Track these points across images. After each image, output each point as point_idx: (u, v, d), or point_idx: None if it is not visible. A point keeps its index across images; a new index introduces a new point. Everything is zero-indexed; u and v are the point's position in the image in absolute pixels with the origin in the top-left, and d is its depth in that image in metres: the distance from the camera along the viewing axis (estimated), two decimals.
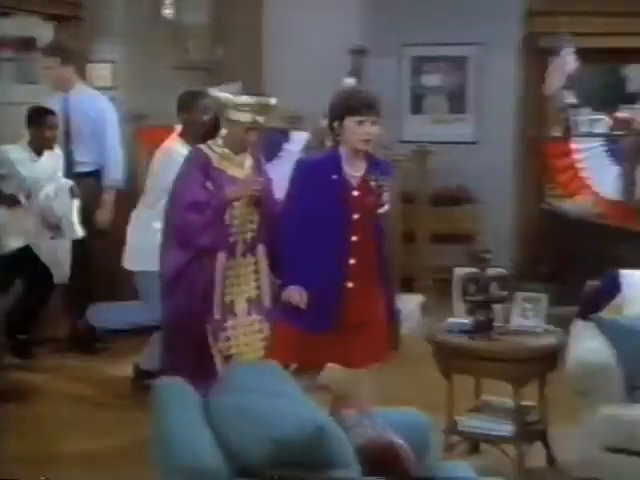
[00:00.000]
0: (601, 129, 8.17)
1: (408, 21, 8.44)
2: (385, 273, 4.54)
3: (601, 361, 4.25)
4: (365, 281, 4.41)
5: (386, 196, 4.35)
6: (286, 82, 7.85)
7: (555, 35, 7.77)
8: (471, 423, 4.55)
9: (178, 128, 5.60)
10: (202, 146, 4.76)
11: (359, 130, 4.31)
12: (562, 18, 7.73)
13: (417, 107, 8.98)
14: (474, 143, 8.54)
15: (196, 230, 4.63)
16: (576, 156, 7.22)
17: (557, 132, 7.89)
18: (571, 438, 4.45)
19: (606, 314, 4.55)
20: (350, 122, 4.31)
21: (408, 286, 7.42)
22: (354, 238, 4.36)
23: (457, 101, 8.79)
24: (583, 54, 7.85)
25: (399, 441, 2.87)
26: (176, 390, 2.96)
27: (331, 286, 4.36)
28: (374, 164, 4.42)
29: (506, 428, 4.43)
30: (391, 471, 2.79)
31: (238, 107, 4.63)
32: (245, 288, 4.78)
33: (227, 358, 4.69)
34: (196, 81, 7.21)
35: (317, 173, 4.43)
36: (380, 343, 4.49)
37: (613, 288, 4.67)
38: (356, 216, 4.36)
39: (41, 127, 6.25)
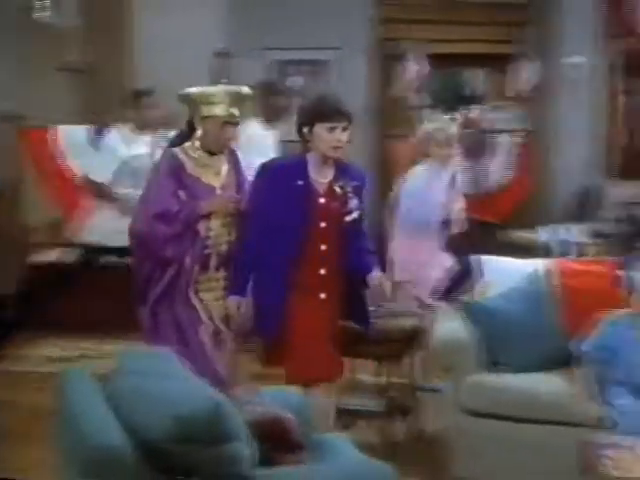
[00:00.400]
0: None
1: (270, 25, 8.53)
2: (360, 284, 4.26)
3: (460, 339, 4.41)
4: (336, 292, 4.19)
5: (354, 202, 4.13)
6: (157, 84, 7.86)
7: (403, 41, 8.10)
8: (346, 400, 4.64)
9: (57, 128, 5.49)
10: (176, 150, 4.32)
11: (330, 137, 4.05)
12: (410, 26, 8.06)
13: None
14: None
15: (161, 241, 4.19)
16: None
17: (407, 131, 8.16)
18: (439, 409, 4.67)
19: (471, 297, 4.71)
20: (320, 129, 4.05)
21: None
22: (323, 247, 4.13)
23: None
24: (429, 59, 8.22)
25: (286, 415, 3.04)
26: (78, 377, 3.04)
27: (303, 295, 4.09)
28: (342, 170, 4.18)
29: (375, 404, 4.62)
30: (280, 442, 2.96)
31: (210, 100, 4.24)
32: (217, 304, 4.31)
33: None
34: (71, 83, 7.17)
35: (281, 178, 4.14)
36: (339, 358, 4.27)
37: (468, 273, 4.88)
38: (323, 224, 4.12)
39: None
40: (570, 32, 8.81)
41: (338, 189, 4.11)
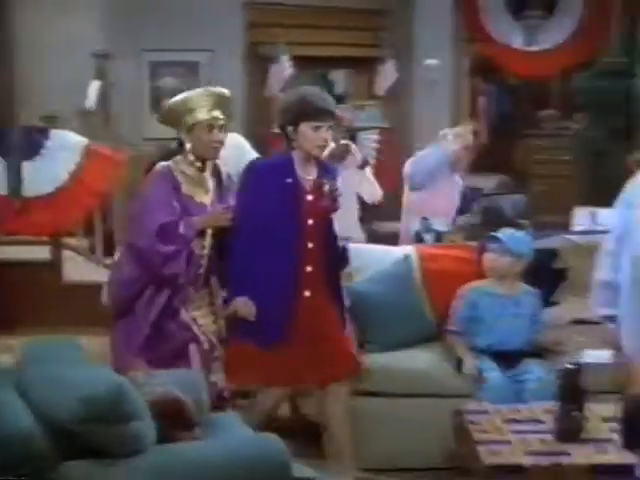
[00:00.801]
0: None
1: (147, 28, 8.51)
2: (337, 282, 4.25)
3: None
4: (321, 290, 4.11)
5: (340, 200, 4.11)
6: (38, 85, 7.80)
7: (273, 44, 8.25)
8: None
9: None
10: (171, 166, 4.09)
11: (315, 136, 3.97)
12: (279, 30, 8.21)
13: (157, 107, 8.82)
14: None
15: (163, 258, 3.97)
16: None
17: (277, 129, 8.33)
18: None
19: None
20: (306, 127, 3.96)
21: None
22: (310, 245, 4.05)
23: None
24: (297, 61, 8.39)
25: (182, 395, 3.15)
26: None
27: (288, 295, 4.02)
28: (324, 168, 4.15)
29: None
30: (177, 421, 3.04)
31: (191, 107, 4.05)
32: (206, 320, 4.16)
33: (220, 393, 4.12)
34: None
35: (270, 176, 4.04)
36: (344, 358, 4.18)
37: (345, 260, 4.99)
38: (311, 221, 4.04)
39: None
40: (426, 36, 9.15)
41: (326, 187, 4.03)
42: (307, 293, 4.05)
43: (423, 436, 4.35)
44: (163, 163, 4.13)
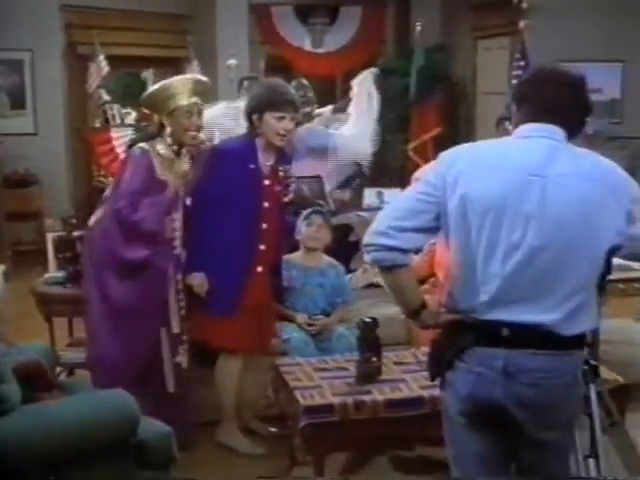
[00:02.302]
0: (131, 120, 8.72)
1: None
2: (281, 258, 4.31)
3: None
4: (270, 265, 4.16)
5: (293, 184, 4.13)
6: None
7: (90, 45, 8.13)
8: (69, 355, 4.62)
9: None
10: (146, 147, 3.95)
11: (278, 125, 3.96)
12: (95, 31, 8.06)
13: None
14: (35, 134, 8.48)
15: (151, 219, 3.86)
16: (114, 142, 7.51)
17: (97, 123, 8.21)
18: None
19: None
20: (270, 117, 3.95)
21: None
22: (264, 225, 4.04)
23: (17, 99, 8.58)
24: (113, 60, 8.30)
25: (41, 362, 3.22)
26: None
27: (243, 270, 4.02)
28: (281, 155, 4.14)
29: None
30: (39, 383, 3.15)
31: (171, 92, 3.92)
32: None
33: (182, 372, 4.10)
34: None
35: (234, 160, 4.02)
36: (274, 322, 4.32)
37: None
38: (266, 204, 4.04)
39: None
40: (227, 39, 9.29)
41: (281, 172, 4.05)
42: (259, 269, 4.09)
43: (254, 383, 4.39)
44: (140, 144, 4.00)
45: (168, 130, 3.99)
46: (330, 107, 6.38)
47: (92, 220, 4.11)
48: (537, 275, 2.43)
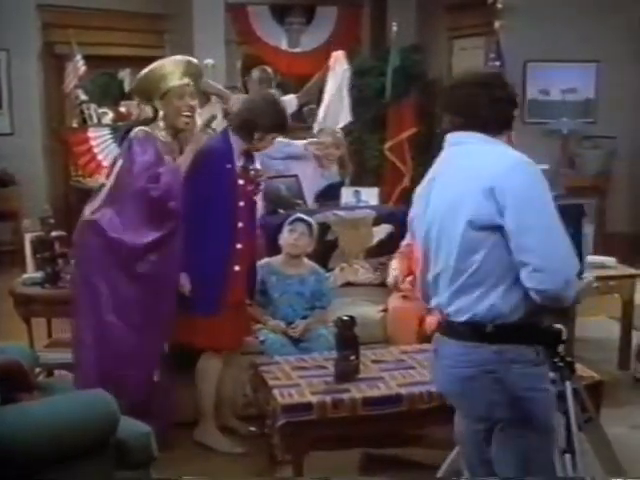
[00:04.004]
0: (107, 120, 8.72)
1: None
2: (255, 256, 4.34)
3: None
4: (246, 264, 4.19)
5: (262, 184, 4.23)
6: None
7: (67, 44, 8.10)
8: (49, 356, 4.49)
9: None
10: (149, 130, 3.94)
11: (270, 143, 4.20)
12: (72, 31, 8.04)
13: None
14: (11, 134, 8.37)
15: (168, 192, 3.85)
16: (92, 142, 7.46)
17: (75, 123, 8.18)
18: None
19: None
20: (270, 137, 4.13)
21: None
22: (240, 224, 4.09)
23: None
24: (90, 60, 8.29)
25: (22, 363, 3.20)
26: None
27: (221, 270, 4.03)
28: (250, 155, 4.19)
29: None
30: (19, 383, 3.11)
31: (162, 73, 3.94)
32: None
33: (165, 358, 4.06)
34: None
35: (214, 161, 4.04)
36: (250, 321, 4.37)
37: None
38: (241, 203, 4.09)
39: None
40: (204, 38, 9.28)
41: (252, 172, 4.13)
42: (237, 268, 4.11)
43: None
44: (141, 127, 3.97)
45: (161, 114, 3.98)
46: (292, 95, 6.41)
47: (87, 211, 4.04)
48: (438, 263, 2.64)
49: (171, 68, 3.97)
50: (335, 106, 6.26)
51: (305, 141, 5.86)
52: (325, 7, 10.25)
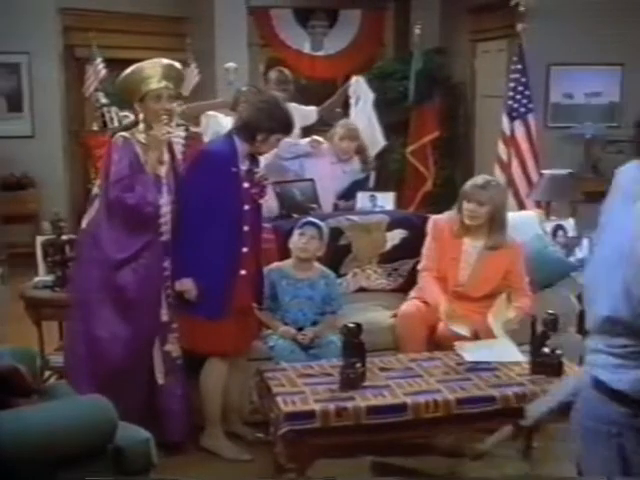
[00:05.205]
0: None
1: None
2: (261, 260, 4.32)
3: None
4: (252, 268, 4.17)
5: (267, 187, 4.21)
6: None
7: (88, 47, 8.13)
8: (59, 359, 4.56)
9: None
10: (128, 135, 3.93)
11: (275, 145, 4.20)
12: (93, 34, 8.06)
13: None
14: (31, 137, 8.44)
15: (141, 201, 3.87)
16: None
17: (95, 126, 8.21)
18: None
19: None
20: (274, 139, 4.10)
21: None
22: (246, 228, 4.06)
23: (14, 102, 8.53)
24: (111, 63, 8.31)
25: (21, 367, 3.19)
26: None
27: (227, 274, 4.01)
28: (254, 159, 4.18)
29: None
30: (17, 389, 3.11)
31: (143, 76, 3.93)
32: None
33: (173, 361, 4.11)
34: None
35: (220, 164, 4.02)
36: (257, 325, 4.35)
37: None
38: (246, 207, 4.06)
39: None
40: (225, 42, 9.30)
41: (257, 175, 4.11)
42: (243, 272, 4.09)
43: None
44: (121, 133, 4.00)
45: (141, 116, 3.98)
46: (313, 108, 6.38)
47: (84, 222, 4.08)
48: None
49: (151, 71, 3.97)
50: (368, 137, 6.17)
51: (309, 139, 5.84)
52: (348, 10, 10.23)
